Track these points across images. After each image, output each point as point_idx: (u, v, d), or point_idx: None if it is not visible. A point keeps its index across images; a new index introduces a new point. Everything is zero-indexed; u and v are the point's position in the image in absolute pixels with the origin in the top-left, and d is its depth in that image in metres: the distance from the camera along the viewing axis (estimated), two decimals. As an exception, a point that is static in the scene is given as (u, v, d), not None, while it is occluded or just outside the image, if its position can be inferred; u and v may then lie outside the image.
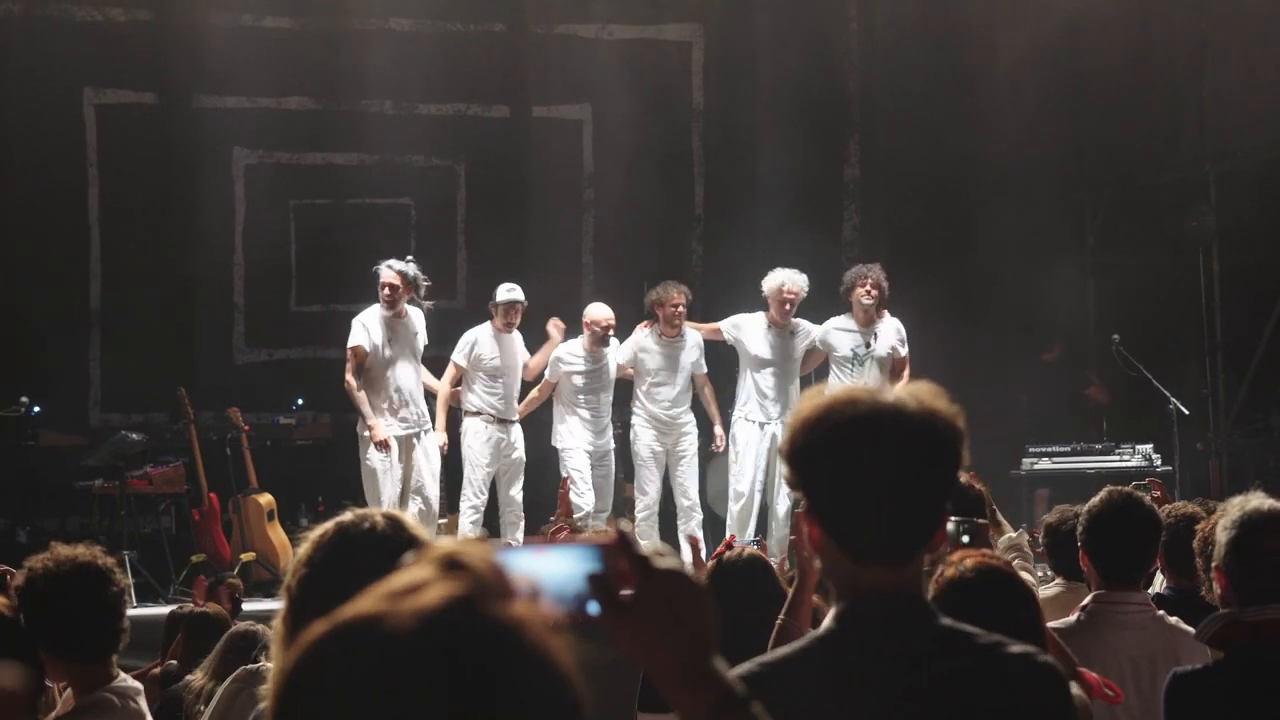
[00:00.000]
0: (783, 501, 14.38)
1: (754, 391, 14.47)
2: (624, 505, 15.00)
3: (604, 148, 17.91)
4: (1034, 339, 17.40)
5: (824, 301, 14.93)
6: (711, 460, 14.75)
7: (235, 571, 13.49)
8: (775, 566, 6.57)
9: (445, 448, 13.96)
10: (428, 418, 13.83)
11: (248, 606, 10.96)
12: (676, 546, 13.76)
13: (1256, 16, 16.12)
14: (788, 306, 14.41)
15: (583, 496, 14.11)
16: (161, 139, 16.69)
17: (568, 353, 14.27)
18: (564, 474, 14.09)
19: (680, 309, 14.36)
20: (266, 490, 14.97)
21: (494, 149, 17.60)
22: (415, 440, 13.65)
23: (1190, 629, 5.67)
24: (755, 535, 14.23)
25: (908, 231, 17.60)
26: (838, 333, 14.58)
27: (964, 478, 6.06)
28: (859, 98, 18.59)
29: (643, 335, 14.50)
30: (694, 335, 14.57)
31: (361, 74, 16.94)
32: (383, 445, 13.32)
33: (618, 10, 17.88)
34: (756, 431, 14.42)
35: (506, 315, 14.05)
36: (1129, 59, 17.10)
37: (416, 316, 13.77)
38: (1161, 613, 5.76)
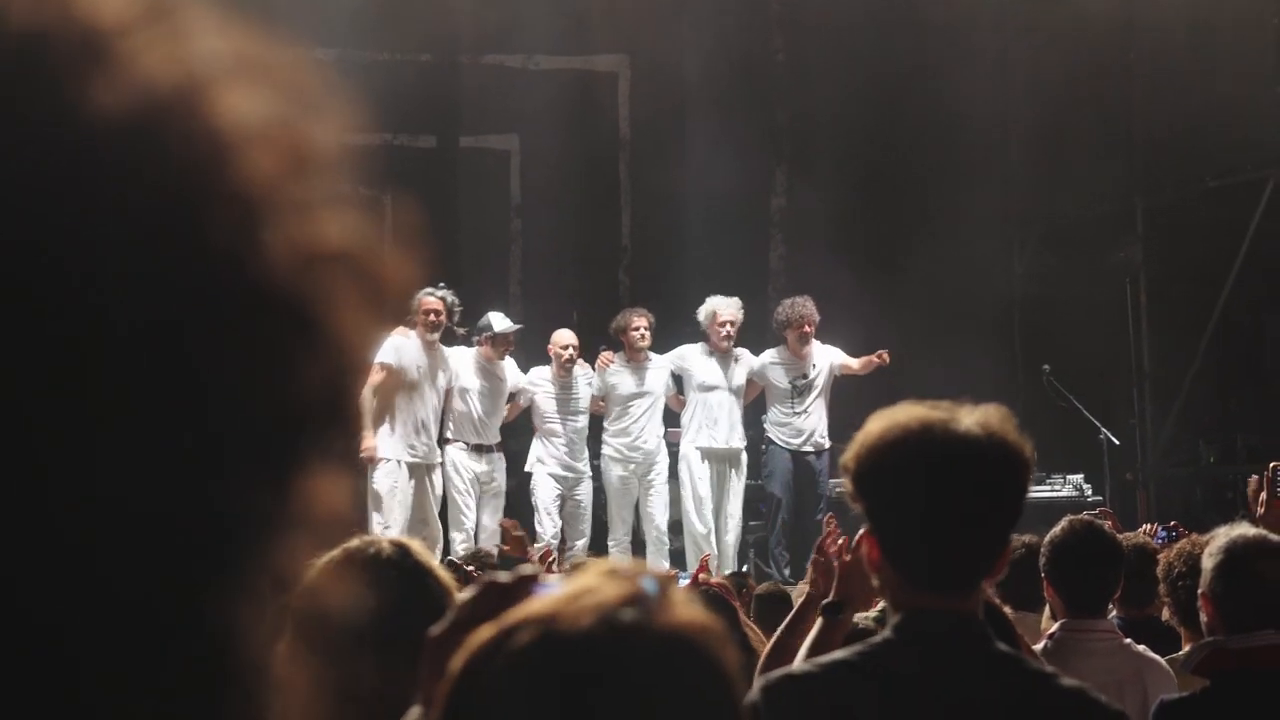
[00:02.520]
0: (732, 533, 14.41)
1: (701, 417, 14.45)
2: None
3: (531, 178, 17.87)
4: (958, 375, 17.41)
5: (752, 331, 14.92)
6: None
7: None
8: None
9: None
10: (438, 451, 13.79)
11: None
12: None
13: (1184, 50, 16.22)
14: (725, 332, 14.43)
15: (543, 524, 14.05)
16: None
17: (538, 377, 14.26)
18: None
19: (643, 332, 14.35)
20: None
21: (421, 179, 17.49)
22: (425, 471, 13.61)
23: (1156, 656, 5.66)
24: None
25: (834, 262, 17.59)
26: (774, 367, 14.61)
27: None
28: (786, 129, 18.61)
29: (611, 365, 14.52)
30: (660, 359, 14.56)
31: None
32: (369, 459, 13.25)
33: (545, 41, 17.82)
34: (704, 462, 14.40)
35: (503, 345, 14.02)
36: (1058, 93, 17.18)
37: (449, 353, 13.91)
38: (1128, 640, 5.74)
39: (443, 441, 14.02)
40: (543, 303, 17.14)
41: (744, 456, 14.64)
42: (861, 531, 3.04)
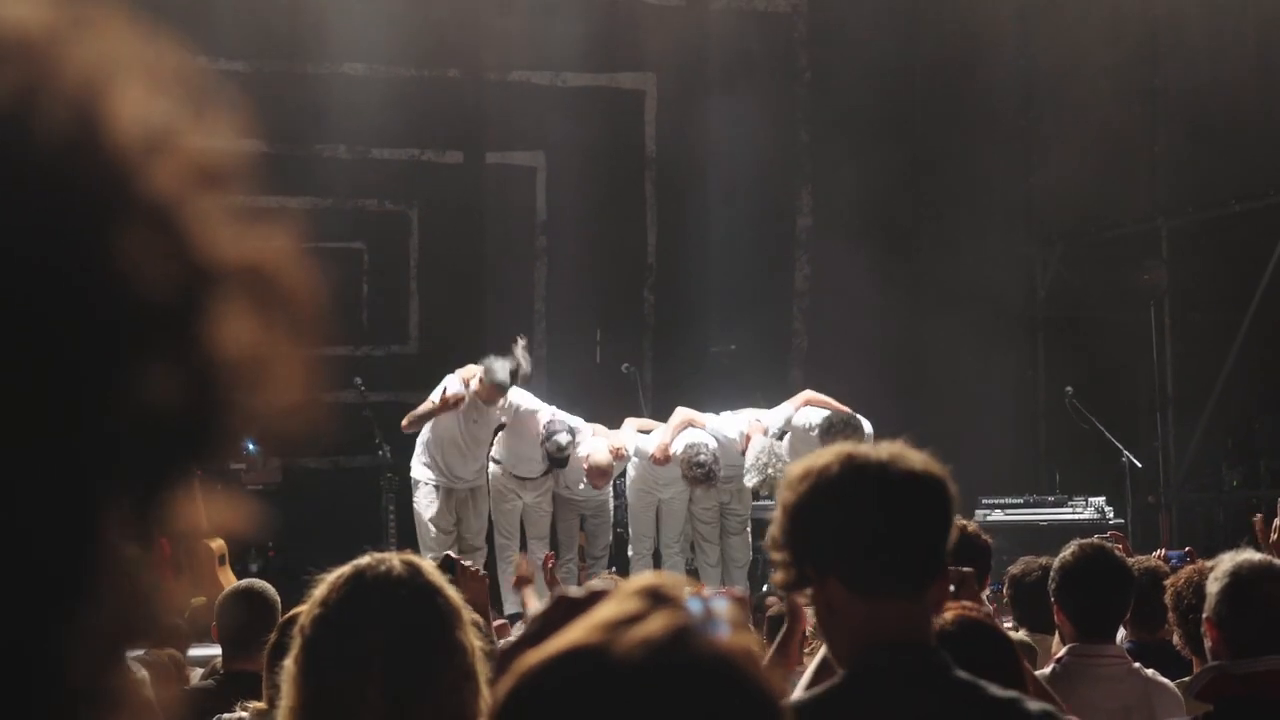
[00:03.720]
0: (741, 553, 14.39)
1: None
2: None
3: (557, 195, 17.90)
4: (982, 398, 17.40)
5: (773, 356, 14.88)
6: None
7: (185, 615, 13.31)
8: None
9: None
10: (482, 478, 13.80)
11: (196, 652, 10.79)
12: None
13: (1208, 72, 16.22)
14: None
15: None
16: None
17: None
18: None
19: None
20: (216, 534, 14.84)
21: (447, 195, 17.54)
22: (468, 494, 13.72)
23: (1165, 680, 5.66)
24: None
25: (859, 282, 17.60)
26: (807, 436, 14.09)
27: (971, 527, 6.06)
28: (811, 147, 18.62)
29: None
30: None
31: (315, 118, 16.86)
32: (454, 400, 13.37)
33: (572, 58, 17.86)
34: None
35: (490, 394, 13.86)
36: (1083, 115, 17.18)
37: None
38: (1137, 665, 5.73)
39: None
40: (567, 319, 17.18)
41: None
42: (812, 589, 3.03)
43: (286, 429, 1.15)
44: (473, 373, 13.52)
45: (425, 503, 13.83)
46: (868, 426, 13.28)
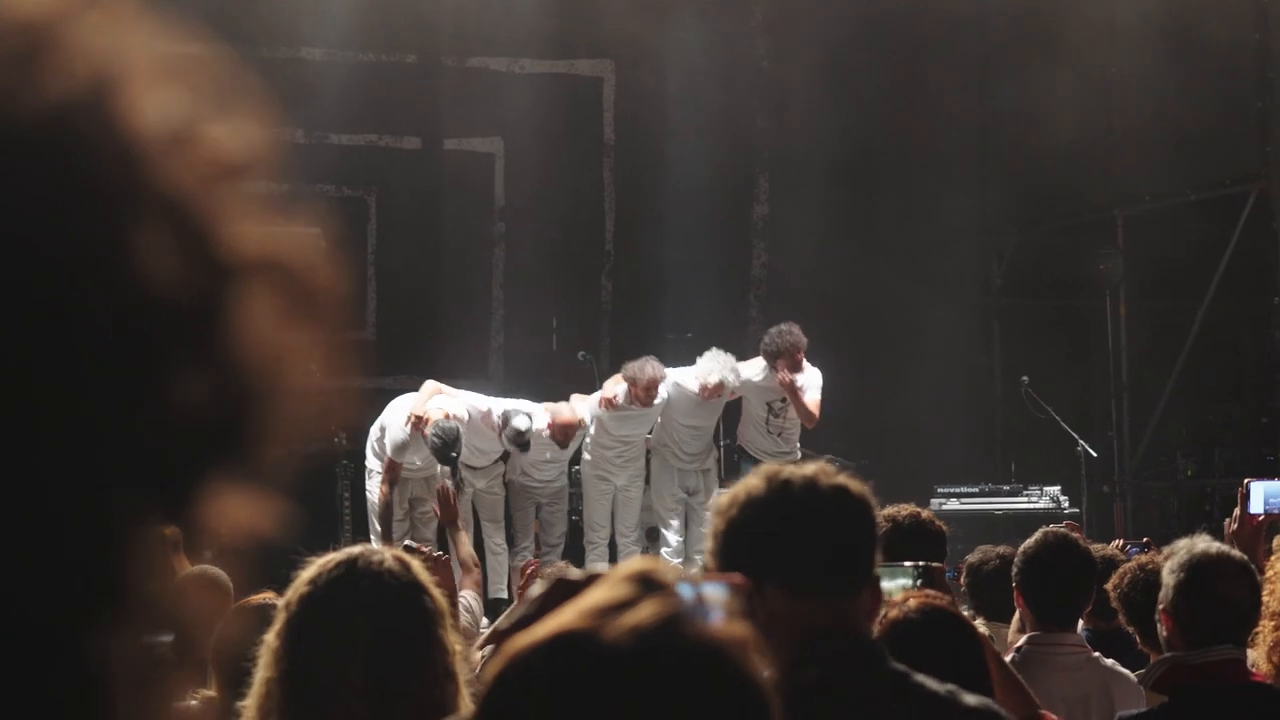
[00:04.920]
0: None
1: (675, 442, 14.29)
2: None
3: (515, 181, 17.87)
4: (937, 387, 17.44)
5: (732, 337, 14.91)
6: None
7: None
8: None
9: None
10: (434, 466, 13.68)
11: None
12: None
13: (1165, 64, 16.27)
14: (713, 397, 14.14)
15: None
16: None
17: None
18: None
19: (655, 395, 13.98)
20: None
21: (405, 181, 17.50)
22: (422, 482, 13.67)
23: (1125, 670, 5.69)
24: None
25: (815, 270, 17.62)
26: (757, 388, 14.31)
27: (925, 514, 6.08)
28: (769, 135, 18.63)
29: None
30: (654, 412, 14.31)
31: (272, 103, 16.73)
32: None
33: (530, 44, 17.83)
34: (675, 480, 14.39)
35: (500, 430, 13.73)
36: (1039, 104, 17.22)
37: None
38: (1097, 654, 5.76)
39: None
40: (525, 306, 17.17)
41: (713, 470, 14.55)
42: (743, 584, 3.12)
43: (302, 417, 1.14)
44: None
45: (378, 490, 13.82)
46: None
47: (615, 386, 13.96)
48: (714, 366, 13.79)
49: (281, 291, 1.12)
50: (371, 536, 13.50)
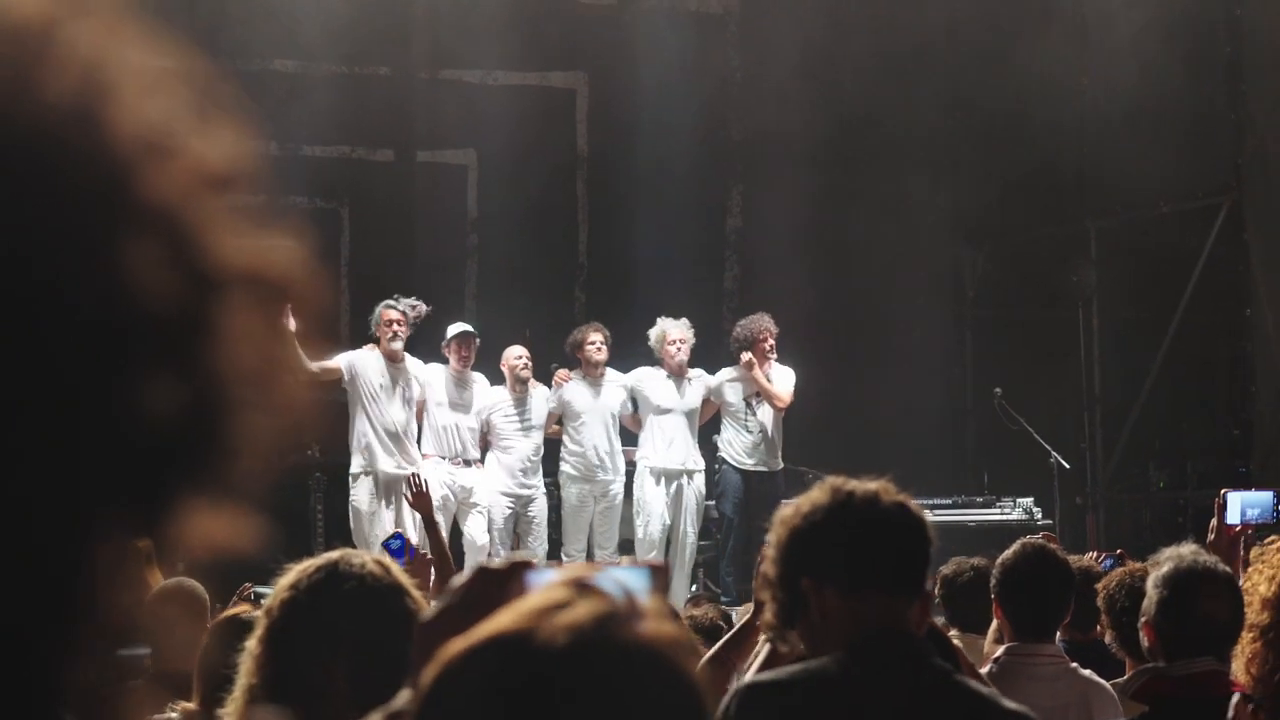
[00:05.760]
0: (688, 553, 14.45)
1: (657, 439, 14.46)
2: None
3: (489, 193, 17.88)
4: (910, 398, 17.46)
5: (706, 350, 14.96)
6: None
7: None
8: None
9: None
10: (417, 465, 13.67)
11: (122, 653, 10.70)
12: None
13: (1136, 76, 16.30)
14: (674, 349, 14.45)
15: (494, 545, 14.07)
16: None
17: (493, 398, 14.27)
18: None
19: (599, 345, 14.39)
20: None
21: (378, 192, 17.49)
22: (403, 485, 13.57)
23: (1102, 681, 5.69)
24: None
25: (788, 282, 17.63)
26: (730, 385, 14.59)
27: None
28: (742, 148, 18.65)
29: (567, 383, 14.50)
30: (617, 376, 14.58)
31: (245, 115, 16.70)
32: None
33: (503, 57, 17.82)
34: (661, 484, 14.42)
35: (460, 350, 14.12)
36: (1010, 113, 17.27)
37: (413, 365, 14.03)
38: (1075, 665, 5.75)
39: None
40: (498, 318, 17.12)
41: (700, 477, 14.66)
42: (805, 584, 3.40)
43: (280, 430, 1.13)
44: None
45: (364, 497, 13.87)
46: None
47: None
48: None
49: (263, 304, 1.11)
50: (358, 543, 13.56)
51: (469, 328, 14.28)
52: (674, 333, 14.52)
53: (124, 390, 1.02)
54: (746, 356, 14.32)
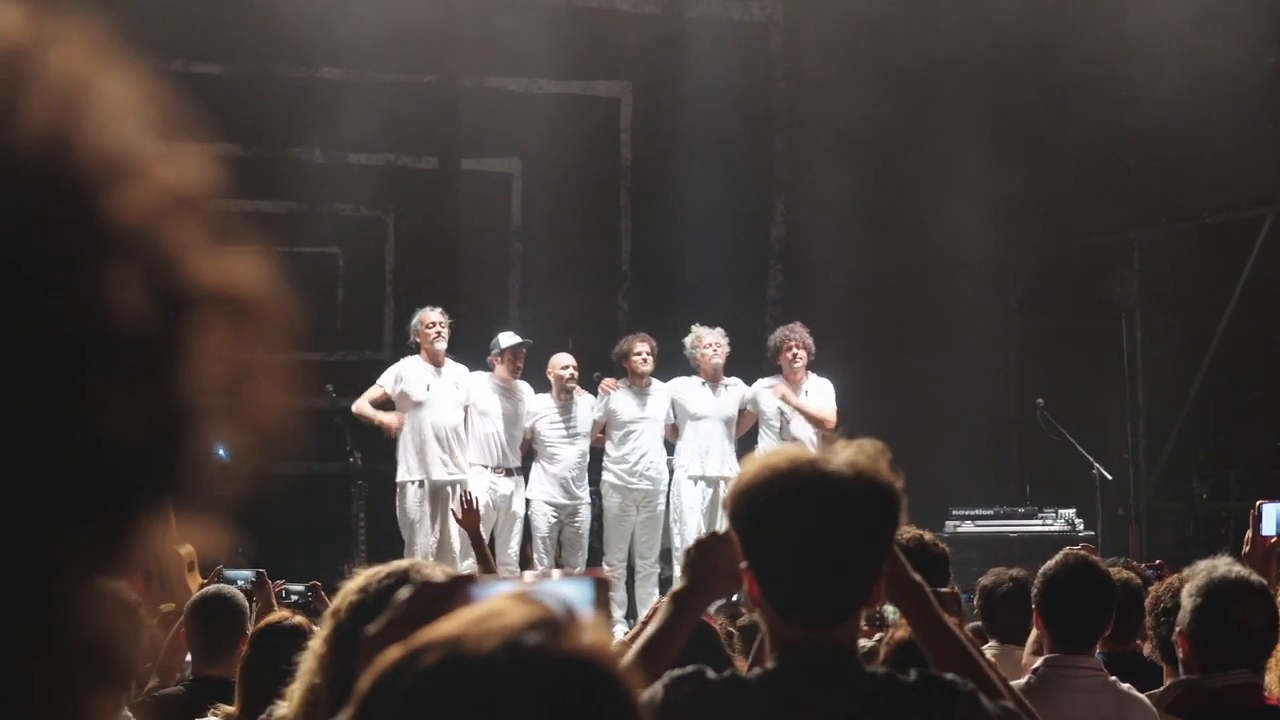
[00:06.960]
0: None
1: (694, 447, 14.47)
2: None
3: (532, 202, 17.92)
4: (953, 408, 17.43)
5: (749, 360, 14.97)
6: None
7: (155, 620, 13.30)
8: (719, 629, 6.52)
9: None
10: (466, 469, 13.87)
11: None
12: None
13: (1180, 86, 16.25)
14: (707, 355, 14.46)
15: (538, 553, 14.11)
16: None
17: (538, 405, 14.35)
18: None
19: (646, 356, 14.42)
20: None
21: (423, 200, 17.55)
22: (454, 490, 13.63)
23: (1140, 695, 5.68)
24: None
25: (833, 292, 17.63)
26: (766, 393, 14.61)
27: (928, 537, 6.07)
28: (786, 157, 18.66)
29: (615, 392, 14.55)
30: (661, 386, 14.61)
31: (291, 122, 16.83)
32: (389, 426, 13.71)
33: (548, 66, 17.86)
34: (697, 490, 14.43)
35: (514, 360, 14.21)
36: (1055, 127, 17.23)
37: (458, 369, 14.15)
38: (1114, 678, 5.74)
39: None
40: (541, 327, 17.14)
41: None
42: (741, 567, 3.13)
43: (261, 441, 1.14)
44: None
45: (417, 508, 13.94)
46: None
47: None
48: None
49: (236, 324, 1.12)
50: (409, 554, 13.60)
51: (522, 338, 14.31)
52: (708, 337, 14.56)
53: (94, 410, 1.03)
54: (780, 391, 14.37)
